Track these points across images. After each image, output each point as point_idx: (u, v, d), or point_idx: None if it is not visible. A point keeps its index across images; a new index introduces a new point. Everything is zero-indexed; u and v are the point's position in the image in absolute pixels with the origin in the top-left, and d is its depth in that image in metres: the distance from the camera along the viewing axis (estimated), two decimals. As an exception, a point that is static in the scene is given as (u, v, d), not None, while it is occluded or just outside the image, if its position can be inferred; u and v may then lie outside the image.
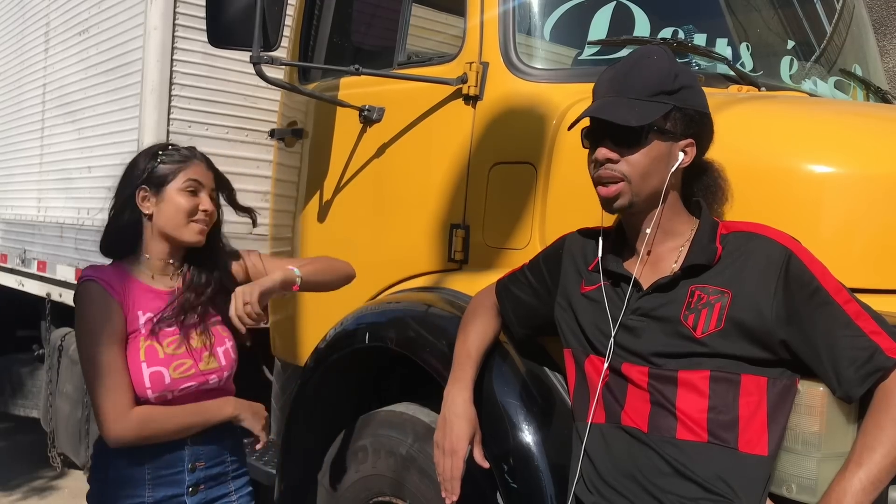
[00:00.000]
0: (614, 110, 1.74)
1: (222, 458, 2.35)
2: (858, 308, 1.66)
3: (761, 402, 1.68)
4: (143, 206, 2.24)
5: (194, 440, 2.25)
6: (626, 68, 1.80)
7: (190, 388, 2.23)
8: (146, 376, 2.15)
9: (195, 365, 2.24)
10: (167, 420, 2.19)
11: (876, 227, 2.02)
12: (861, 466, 1.56)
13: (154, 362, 2.18)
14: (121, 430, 2.11)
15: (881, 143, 2.15)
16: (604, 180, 1.78)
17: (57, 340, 5.04)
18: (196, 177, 2.25)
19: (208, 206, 2.27)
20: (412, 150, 2.91)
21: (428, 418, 2.57)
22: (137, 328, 2.19)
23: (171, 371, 2.19)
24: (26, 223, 5.39)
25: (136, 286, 2.24)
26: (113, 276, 2.22)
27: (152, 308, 2.23)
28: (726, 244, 1.76)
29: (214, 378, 2.29)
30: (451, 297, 2.56)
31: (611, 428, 1.80)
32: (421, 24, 3.43)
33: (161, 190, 2.23)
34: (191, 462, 2.26)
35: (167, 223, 2.24)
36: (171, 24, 3.76)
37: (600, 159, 1.77)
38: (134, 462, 2.20)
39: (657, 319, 1.76)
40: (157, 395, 2.17)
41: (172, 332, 2.24)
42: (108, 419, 2.11)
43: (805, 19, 3.31)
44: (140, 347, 2.17)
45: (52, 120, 5.03)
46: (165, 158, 2.25)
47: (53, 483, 5.59)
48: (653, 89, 1.75)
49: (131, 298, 2.21)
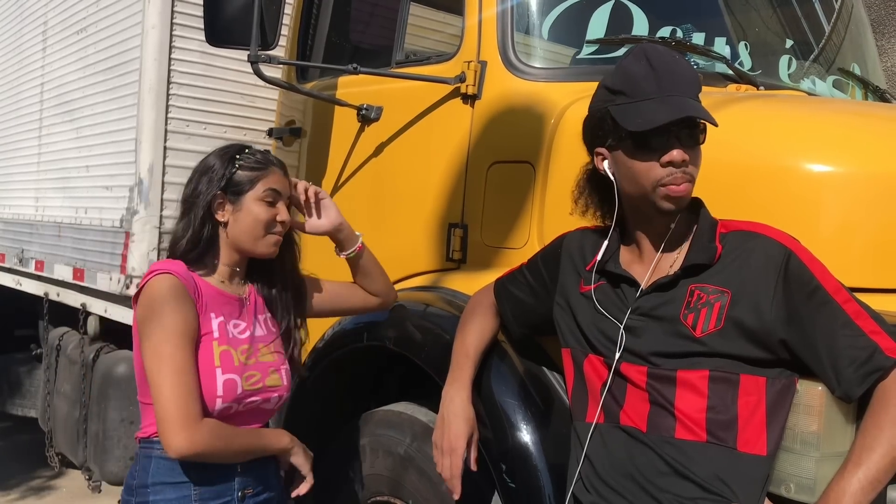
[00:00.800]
0: (701, 110, 1.70)
1: (269, 485, 2.20)
2: (858, 307, 1.66)
3: (760, 401, 1.67)
4: (219, 214, 2.12)
5: (243, 465, 2.10)
6: (676, 66, 1.74)
7: (255, 402, 2.11)
8: (220, 383, 2.01)
9: (262, 379, 2.12)
10: (234, 438, 2.04)
11: (875, 226, 2.02)
12: (860, 466, 1.55)
13: (229, 369, 2.04)
14: (189, 440, 1.91)
15: (879, 143, 2.15)
16: (679, 180, 1.70)
17: (55, 340, 5.03)
18: (275, 186, 2.13)
19: (286, 216, 2.16)
20: (410, 149, 2.90)
21: (426, 418, 2.56)
22: (210, 331, 2.05)
23: (244, 381, 2.07)
24: (24, 222, 5.38)
25: (208, 287, 2.11)
26: (187, 273, 2.08)
27: (225, 312, 2.11)
28: (726, 243, 1.76)
29: (276, 396, 2.17)
30: (450, 297, 2.55)
31: (609, 427, 1.80)
32: (419, 22, 3.43)
33: (238, 199, 2.11)
34: (240, 489, 2.10)
35: (242, 234, 2.13)
36: (169, 22, 3.75)
37: (678, 161, 1.69)
38: (181, 492, 2.03)
39: (657, 319, 1.76)
40: (224, 406, 2.02)
41: (244, 341, 2.13)
42: (177, 425, 1.90)
43: (803, 18, 3.30)
44: (214, 352, 2.03)
45: (49, 119, 5.03)
46: (244, 164, 2.12)
47: (51, 483, 5.59)
48: (699, 88, 1.76)
49: (204, 299, 2.08)
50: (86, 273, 4.32)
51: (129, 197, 3.86)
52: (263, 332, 2.21)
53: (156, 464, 2.05)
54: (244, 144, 2.22)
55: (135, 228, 3.79)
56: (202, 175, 2.15)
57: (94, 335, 4.56)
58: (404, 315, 2.55)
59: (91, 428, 4.33)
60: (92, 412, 4.32)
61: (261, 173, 2.13)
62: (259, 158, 2.16)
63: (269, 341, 2.21)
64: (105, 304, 4.27)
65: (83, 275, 4.35)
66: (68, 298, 4.76)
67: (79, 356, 4.57)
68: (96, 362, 4.40)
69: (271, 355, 2.19)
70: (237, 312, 2.17)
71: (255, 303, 2.24)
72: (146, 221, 3.78)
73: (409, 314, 2.55)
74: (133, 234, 3.80)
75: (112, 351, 4.45)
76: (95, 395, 4.31)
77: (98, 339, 4.55)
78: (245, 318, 2.18)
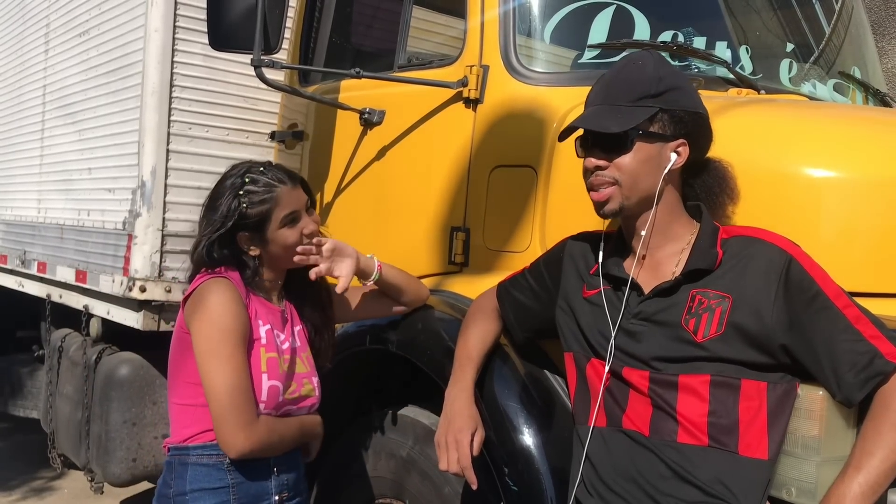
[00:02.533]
0: (597, 119, 1.79)
1: (301, 486, 2.26)
2: (858, 312, 1.67)
3: (761, 406, 1.68)
4: (251, 251, 2.16)
5: (279, 469, 2.15)
6: (612, 76, 1.85)
7: (290, 410, 2.17)
8: (265, 388, 2.06)
9: (298, 389, 2.18)
10: (285, 431, 2.11)
11: (875, 230, 2.02)
12: (860, 471, 1.57)
13: (274, 376, 2.09)
14: (251, 439, 1.98)
15: (880, 147, 2.16)
16: (595, 186, 1.81)
17: (57, 341, 5.03)
18: (289, 208, 2.14)
19: (311, 226, 2.19)
20: (413, 152, 2.91)
21: (428, 421, 2.57)
22: (259, 337, 2.10)
23: (284, 389, 2.12)
24: (26, 224, 5.39)
25: (254, 296, 2.17)
26: (240, 283, 2.13)
27: (270, 321, 2.17)
28: (727, 248, 1.77)
29: (307, 407, 2.23)
30: (452, 300, 2.56)
31: (612, 431, 1.81)
32: (422, 26, 3.43)
33: (262, 234, 2.14)
34: (277, 493, 2.15)
35: (280, 261, 2.19)
36: (172, 26, 3.75)
37: (590, 168, 1.82)
38: (220, 497, 2.06)
39: (658, 324, 1.77)
40: (265, 412, 2.07)
41: (287, 351, 2.18)
42: (237, 427, 1.97)
43: (804, 22, 3.31)
44: (262, 357, 2.08)
45: (52, 121, 5.03)
46: (252, 199, 2.10)
47: (53, 483, 5.59)
48: (636, 94, 1.79)
49: (253, 306, 2.13)
50: (88, 275, 4.32)
51: (132, 199, 3.86)
52: (299, 343, 2.27)
53: (192, 471, 2.08)
54: (246, 169, 2.18)
55: (137, 231, 3.79)
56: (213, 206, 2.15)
57: (96, 337, 4.55)
58: (407, 318, 2.56)
59: (93, 429, 4.33)
60: (94, 414, 4.32)
61: (270, 205, 2.12)
62: (263, 189, 2.13)
63: (304, 352, 2.27)
64: (107, 306, 4.27)
65: (85, 277, 4.35)
66: (70, 300, 4.76)
67: (81, 358, 4.57)
68: (98, 364, 4.40)
69: (305, 366, 2.25)
70: (280, 324, 2.22)
71: (292, 314, 2.31)
72: (149, 224, 3.78)
73: (411, 317, 2.55)
74: (136, 236, 3.80)
75: (114, 353, 4.45)
76: (98, 397, 4.31)
77: (100, 340, 4.54)
78: (286, 330, 2.24)
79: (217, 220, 2.12)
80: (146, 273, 3.78)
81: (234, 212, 2.11)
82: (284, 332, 2.22)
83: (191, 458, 2.08)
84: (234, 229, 2.12)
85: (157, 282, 3.77)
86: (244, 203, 2.11)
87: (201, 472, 2.06)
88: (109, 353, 4.46)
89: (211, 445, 2.05)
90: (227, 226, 2.11)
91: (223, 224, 2.11)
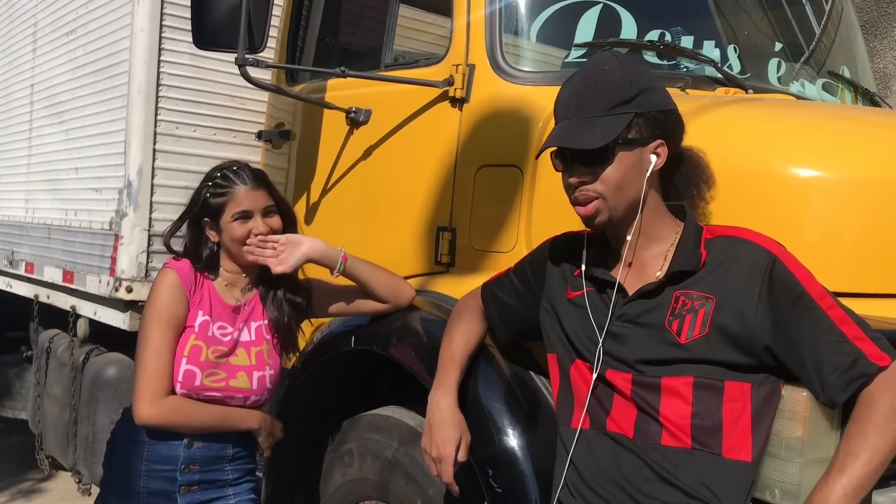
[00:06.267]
0: (574, 135, 1.74)
1: (220, 465, 2.43)
2: (842, 313, 1.65)
3: (745, 408, 1.67)
4: (211, 236, 2.42)
5: (193, 443, 2.36)
6: (580, 85, 1.79)
7: (214, 397, 2.36)
8: (181, 371, 2.30)
9: (227, 379, 2.36)
10: (193, 416, 2.33)
11: (860, 230, 2.02)
12: (843, 473, 1.55)
13: (193, 361, 2.32)
14: (150, 411, 2.27)
15: (866, 147, 2.15)
16: (581, 201, 1.78)
17: (45, 342, 5.01)
18: (242, 207, 2.35)
19: (261, 227, 2.37)
20: (399, 152, 2.90)
21: (414, 422, 2.56)
22: (192, 325, 2.34)
23: (204, 376, 2.32)
24: (14, 224, 5.37)
25: (207, 287, 2.41)
26: (190, 273, 2.39)
27: (214, 314, 2.39)
28: (711, 249, 1.76)
29: (240, 397, 2.40)
30: (437, 300, 2.55)
31: (596, 434, 1.80)
32: (409, 24, 3.42)
33: (217, 223, 2.38)
34: (184, 464, 2.36)
35: (233, 254, 2.42)
36: (158, 25, 3.73)
37: (573, 184, 1.78)
38: (135, 453, 2.35)
39: (642, 326, 1.76)
40: (183, 392, 2.31)
41: (224, 343, 2.38)
42: (142, 398, 2.27)
43: (793, 21, 3.30)
44: (187, 343, 2.32)
45: (39, 121, 5.01)
46: (214, 191, 2.37)
47: (41, 485, 5.56)
48: (610, 102, 1.74)
49: (198, 296, 2.38)
50: (75, 275, 4.31)
51: (119, 199, 3.85)
52: (251, 337, 2.44)
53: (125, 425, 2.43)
54: (224, 167, 2.43)
55: (124, 231, 3.78)
56: (194, 194, 2.44)
57: (83, 338, 4.54)
58: (391, 319, 2.55)
59: (81, 431, 4.32)
60: (82, 415, 4.31)
61: (226, 199, 2.36)
62: (227, 179, 2.38)
63: (255, 346, 2.42)
64: (95, 306, 4.26)
65: (73, 277, 4.34)
66: (58, 301, 4.75)
67: (69, 359, 4.55)
68: (86, 365, 4.38)
69: (249, 360, 2.41)
70: (228, 316, 2.42)
71: (253, 309, 2.47)
72: (135, 224, 3.77)
73: (396, 318, 2.54)
74: (122, 236, 3.78)
75: (102, 353, 4.44)
76: (85, 398, 4.30)
77: (88, 341, 4.53)
78: (234, 324, 2.41)
79: (188, 206, 2.45)
80: (133, 273, 3.77)
81: (200, 198, 2.40)
82: (235, 325, 2.41)
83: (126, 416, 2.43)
84: (199, 215, 2.41)
85: (143, 282, 3.76)
86: (209, 192, 2.38)
87: (131, 426, 2.35)
88: (97, 353, 4.44)
89: None
90: (192, 211, 2.42)
91: (190, 209, 2.43)
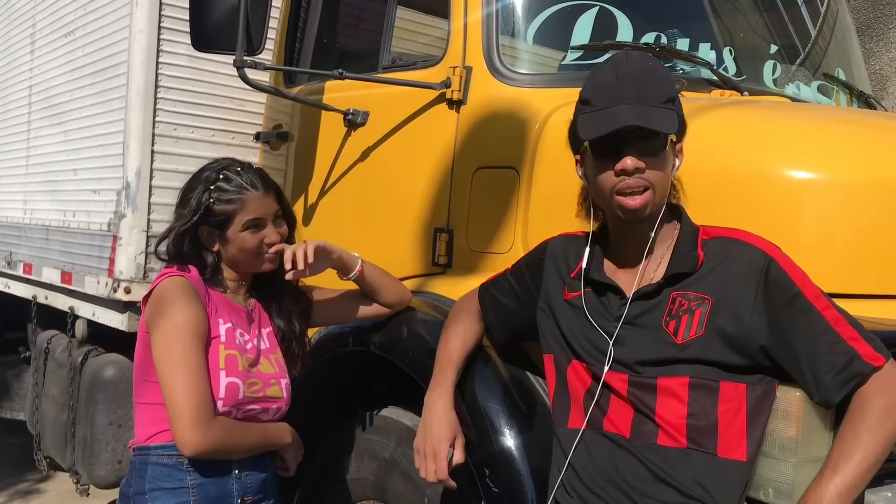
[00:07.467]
0: (651, 118, 1.68)
1: (265, 490, 2.22)
2: (837, 314, 1.67)
3: (740, 408, 1.68)
4: (210, 243, 2.18)
5: (241, 470, 2.12)
6: (640, 74, 1.73)
7: (254, 411, 2.13)
8: (223, 385, 2.03)
9: (264, 388, 2.15)
10: (244, 437, 2.07)
11: (855, 232, 2.03)
12: (837, 473, 1.57)
13: (233, 373, 2.07)
14: (204, 439, 1.94)
15: (861, 149, 2.16)
16: (631, 190, 1.70)
17: (43, 343, 5.01)
18: (254, 215, 2.15)
19: (273, 237, 2.19)
20: (396, 154, 2.91)
21: (411, 422, 2.57)
22: (218, 335, 2.09)
23: (246, 387, 2.09)
24: (12, 225, 5.37)
25: (215, 294, 2.18)
26: (199, 281, 2.14)
27: (233, 320, 2.16)
28: (707, 250, 1.77)
29: (275, 408, 2.20)
30: (435, 301, 2.56)
31: (593, 434, 1.81)
32: (407, 26, 3.43)
33: (223, 233, 2.16)
34: (240, 496, 2.12)
35: (235, 260, 2.20)
36: (157, 26, 3.73)
37: (630, 168, 1.69)
38: (179, 497, 2.03)
39: (640, 327, 1.77)
40: (224, 410, 2.04)
41: (250, 350, 2.17)
42: (190, 424, 1.93)
43: (789, 23, 3.32)
44: (220, 354, 2.06)
45: (38, 122, 5.01)
46: (220, 196, 2.13)
47: (39, 486, 5.57)
48: (665, 96, 1.73)
49: (213, 304, 2.13)
50: (73, 276, 4.31)
51: (117, 200, 3.85)
52: (267, 344, 2.27)
53: (152, 470, 2.07)
54: (224, 166, 2.21)
55: (122, 232, 3.78)
56: (186, 194, 2.20)
57: (82, 339, 4.53)
58: (389, 320, 2.55)
59: (79, 431, 4.32)
60: (80, 416, 4.31)
61: (235, 206, 2.14)
62: (235, 185, 2.15)
63: (272, 354, 2.25)
64: (93, 307, 4.26)
65: (71, 278, 4.34)
66: (56, 302, 4.74)
67: (67, 359, 4.55)
68: (84, 366, 4.38)
69: (273, 367, 2.23)
70: (244, 323, 2.22)
71: (261, 315, 2.30)
72: (134, 225, 3.77)
73: (394, 319, 2.55)
74: (121, 237, 3.78)
75: (100, 354, 4.43)
76: (83, 399, 4.29)
77: (86, 342, 4.53)
78: (251, 330, 2.24)
79: (186, 214, 2.16)
80: (131, 274, 3.77)
81: (202, 205, 2.13)
82: (250, 333, 2.22)
83: (151, 457, 2.07)
84: (199, 223, 2.15)
85: (141, 283, 3.76)
86: (213, 198, 2.14)
87: (160, 471, 2.05)
88: (95, 354, 4.44)
89: (170, 445, 2.03)
90: (193, 220, 2.14)
91: (190, 219, 2.14)
